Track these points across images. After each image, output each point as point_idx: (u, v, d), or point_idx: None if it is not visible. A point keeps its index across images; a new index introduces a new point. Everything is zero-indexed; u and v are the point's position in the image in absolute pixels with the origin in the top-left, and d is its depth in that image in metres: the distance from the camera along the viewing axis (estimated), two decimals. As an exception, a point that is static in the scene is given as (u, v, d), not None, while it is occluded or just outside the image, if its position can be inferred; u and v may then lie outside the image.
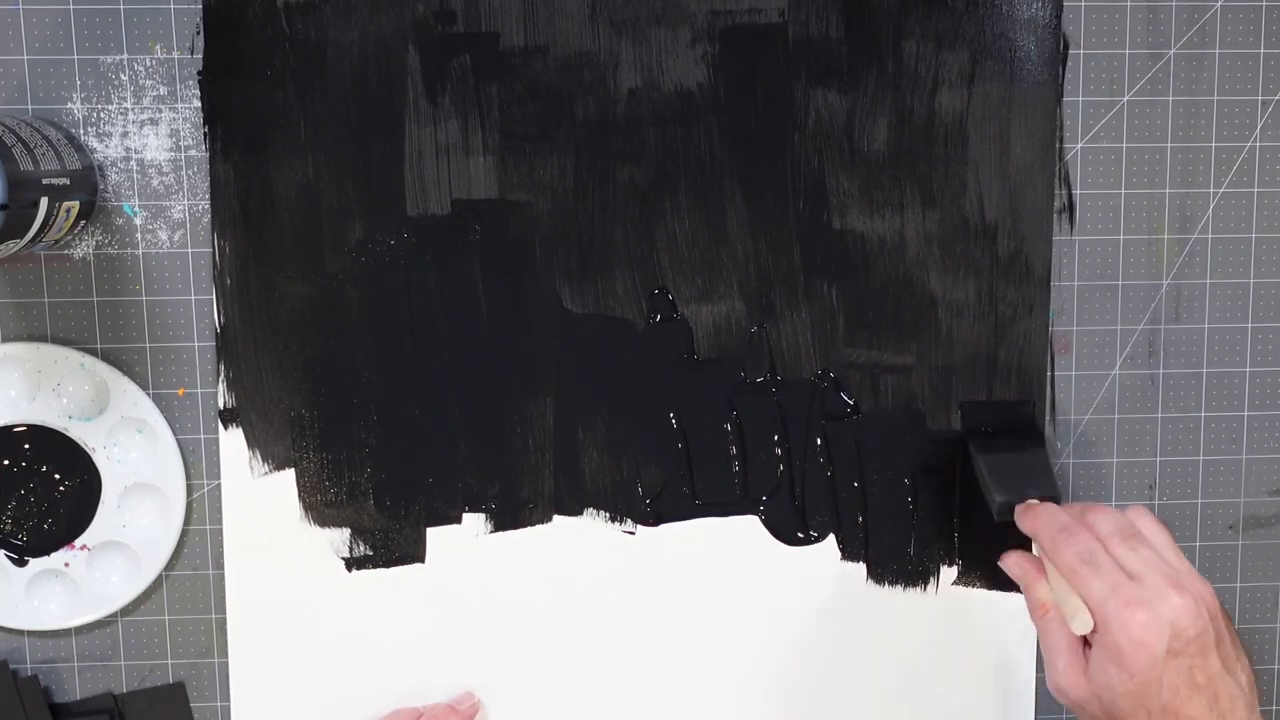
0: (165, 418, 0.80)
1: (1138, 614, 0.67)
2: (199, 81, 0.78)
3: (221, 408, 0.80)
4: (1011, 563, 0.77)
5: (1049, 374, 0.83)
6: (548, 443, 0.82)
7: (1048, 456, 0.81)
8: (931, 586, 0.84)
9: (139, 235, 0.79)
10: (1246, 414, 0.85)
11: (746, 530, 0.83)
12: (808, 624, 0.84)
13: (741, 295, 0.81)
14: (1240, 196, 0.83)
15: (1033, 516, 0.75)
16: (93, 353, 0.79)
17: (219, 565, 0.81)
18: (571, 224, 0.80)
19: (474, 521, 0.82)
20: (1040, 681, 0.86)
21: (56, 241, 0.76)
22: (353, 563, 0.82)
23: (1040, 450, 0.81)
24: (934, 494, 0.83)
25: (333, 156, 0.79)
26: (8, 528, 0.80)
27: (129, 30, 0.77)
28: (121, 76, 0.78)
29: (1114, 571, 0.69)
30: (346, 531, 0.82)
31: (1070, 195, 0.82)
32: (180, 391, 0.80)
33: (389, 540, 0.82)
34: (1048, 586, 0.73)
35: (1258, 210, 0.84)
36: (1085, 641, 0.71)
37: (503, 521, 0.82)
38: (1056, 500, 0.77)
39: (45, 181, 0.70)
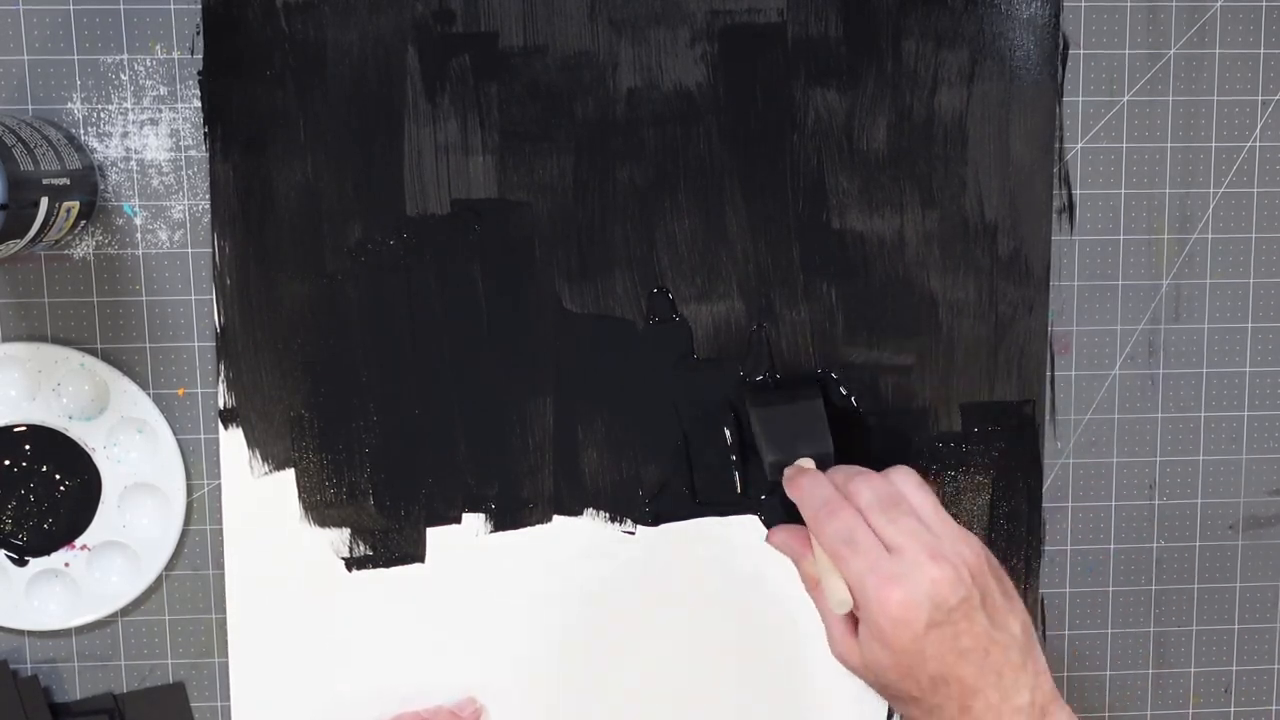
0: (165, 418, 0.80)
1: (894, 592, 0.67)
2: (199, 81, 0.78)
3: (221, 408, 0.80)
4: (778, 541, 0.76)
5: (1049, 374, 0.83)
6: (548, 443, 0.82)
7: (822, 409, 0.78)
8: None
9: (139, 235, 0.79)
10: (1246, 414, 0.85)
11: (746, 530, 0.83)
12: (808, 623, 0.84)
13: (741, 295, 0.81)
14: (1240, 196, 0.83)
15: (797, 486, 0.74)
16: (93, 353, 0.79)
17: (219, 565, 0.82)
18: (571, 224, 0.80)
19: (474, 521, 0.82)
20: (1040, 681, 0.86)
21: (56, 241, 0.76)
22: (353, 563, 0.82)
23: (815, 402, 0.78)
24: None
25: (332, 156, 0.79)
26: (8, 528, 0.80)
27: (129, 30, 0.78)
28: (121, 76, 0.78)
29: (873, 548, 0.69)
30: (346, 531, 0.82)
31: (1070, 195, 0.82)
32: (180, 391, 0.80)
33: (389, 540, 0.82)
34: (813, 561, 0.73)
35: (1258, 210, 0.83)
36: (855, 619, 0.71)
37: (503, 521, 0.82)
38: (829, 457, 0.76)
39: (45, 181, 0.70)
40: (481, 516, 0.82)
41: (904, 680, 0.69)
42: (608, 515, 0.83)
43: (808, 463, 0.76)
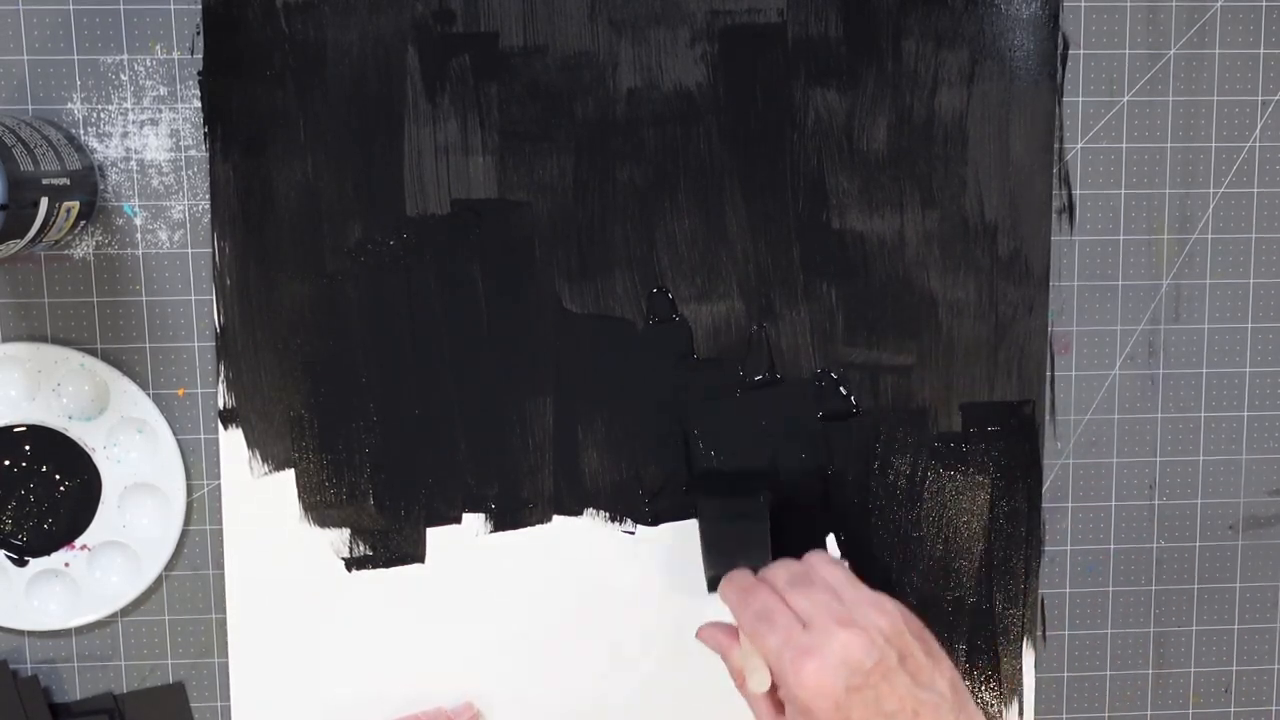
0: (165, 418, 0.80)
1: (808, 663, 0.68)
2: (199, 81, 0.78)
3: (221, 408, 0.80)
4: (705, 635, 0.77)
5: (1049, 374, 0.83)
6: (548, 443, 0.82)
7: (766, 530, 0.78)
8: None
9: (139, 235, 0.79)
10: (1246, 414, 0.85)
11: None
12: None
13: (741, 295, 0.81)
14: (1240, 196, 0.83)
15: (724, 584, 0.75)
16: (93, 353, 0.79)
17: (219, 565, 0.82)
18: (571, 224, 0.80)
19: (474, 521, 0.82)
20: (1038, 686, 0.86)
21: (56, 241, 0.76)
22: (353, 563, 0.82)
23: (760, 523, 0.79)
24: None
25: (332, 156, 0.79)
26: (8, 528, 0.80)
27: (129, 30, 0.78)
28: (121, 76, 0.78)
29: (788, 624, 0.70)
30: (346, 531, 0.82)
31: (1070, 195, 0.82)
32: (180, 391, 0.80)
33: (389, 540, 0.82)
34: (740, 652, 0.74)
35: (1258, 210, 0.83)
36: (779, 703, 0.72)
37: (503, 521, 0.82)
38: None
39: (45, 181, 0.70)
40: (481, 516, 0.82)
41: None
42: (608, 515, 0.83)
43: None
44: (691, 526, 0.83)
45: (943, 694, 0.70)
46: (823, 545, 0.83)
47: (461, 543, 0.82)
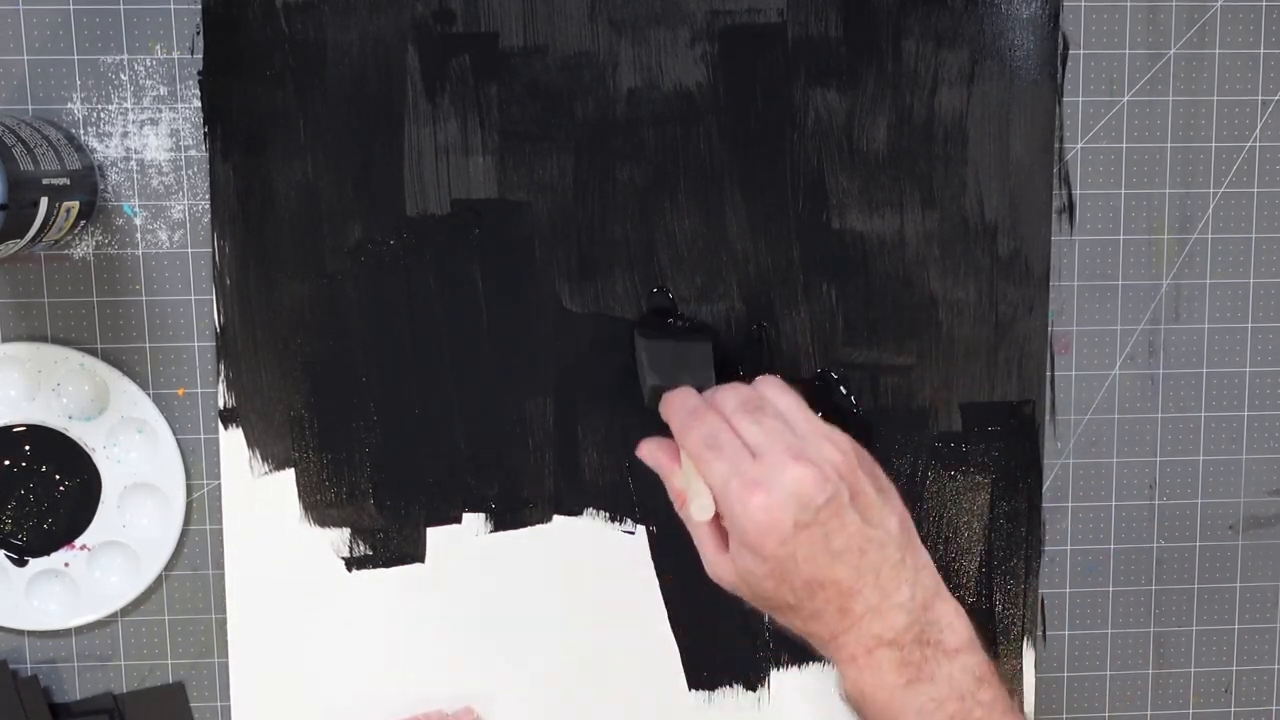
0: (165, 418, 0.80)
1: (756, 496, 0.66)
2: (199, 81, 0.78)
3: (221, 408, 0.80)
4: (645, 452, 0.74)
5: (1049, 374, 0.83)
6: (548, 443, 0.82)
7: (710, 351, 0.76)
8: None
9: (139, 235, 0.79)
10: (1246, 414, 0.85)
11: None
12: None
13: (741, 295, 0.81)
14: (1240, 196, 0.83)
15: (667, 402, 0.72)
16: (93, 353, 0.79)
17: (219, 565, 0.82)
18: (571, 224, 0.80)
19: (474, 521, 0.82)
20: (1038, 686, 0.86)
21: (56, 241, 0.76)
22: (353, 563, 0.82)
23: (705, 344, 0.77)
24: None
25: (332, 156, 0.79)
26: (8, 528, 0.80)
27: (129, 30, 0.78)
28: (121, 76, 0.78)
29: (736, 452, 0.67)
30: (346, 531, 0.82)
31: (1070, 195, 0.82)
32: (180, 391, 0.80)
33: (389, 540, 0.82)
34: (682, 474, 0.71)
35: (1258, 210, 0.83)
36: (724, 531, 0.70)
37: (503, 521, 0.82)
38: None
39: (45, 181, 0.70)
40: (481, 516, 0.82)
41: (779, 588, 0.67)
42: (608, 515, 0.83)
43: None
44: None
45: (891, 532, 0.69)
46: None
47: (461, 543, 0.82)
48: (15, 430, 0.79)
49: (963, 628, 0.70)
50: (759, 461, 0.67)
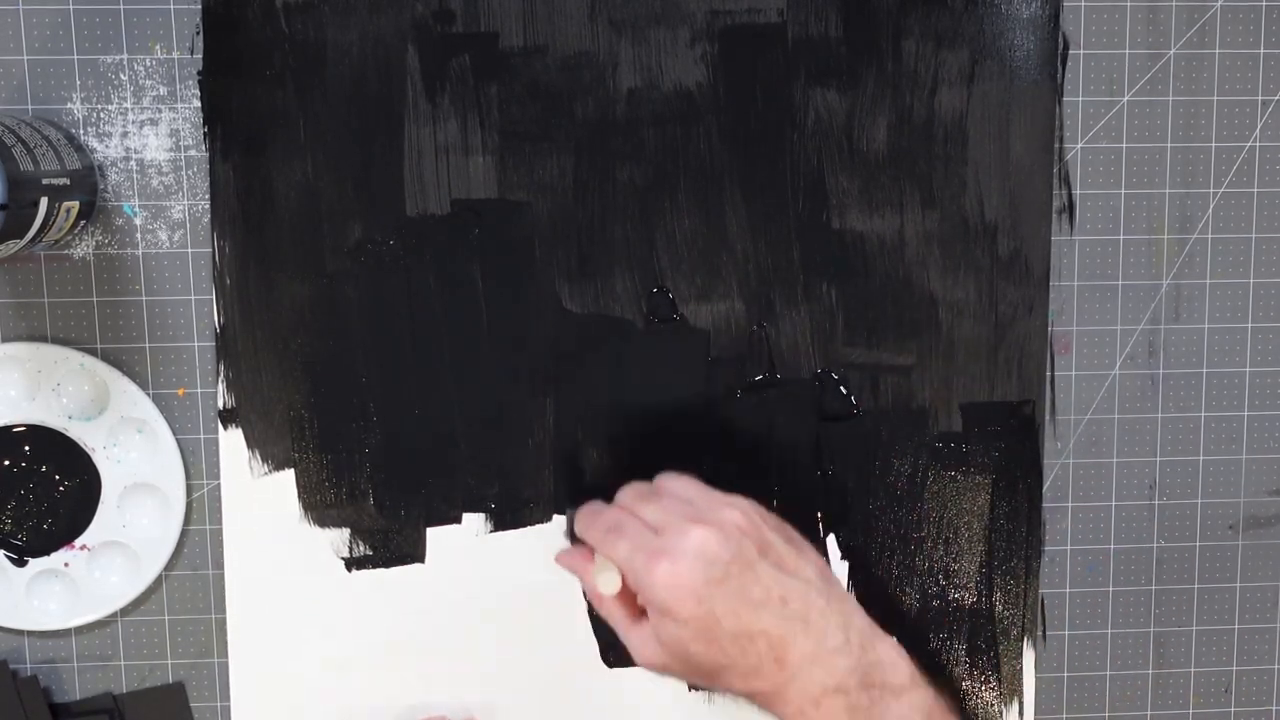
0: (165, 418, 0.80)
1: (661, 564, 0.67)
2: (199, 81, 0.78)
3: (221, 408, 0.80)
4: (562, 560, 0.77)
5: (1049, 374, 0.83)
6: (548, 443, 0.82)
7: None
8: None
9: (139, 235, 0.79)
10: (1246, 414, 0.85)
11: (746, 530, 0.83)
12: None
13: (741, 295, 0.81)
14: (1240, 196, 0.83)
15: (576, 519, 0.75)
16: (93, 353, 0.79)
17: (219, 565, 0.82)
18: (571, 224, 0.80)
19: (474, 521, 0.82)
20: (1038, 686, 0.86)
21: (56, 241, 0.76)
22: (353, 563, 0.82)
23: None
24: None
25: (332, 156, 0.79)
26: (8, 528, 0.80)
27: (129, 30, 0.78)
28: (121, 76, 0.78)
29: (638, 531, 0.69)
30: (346, 531, 0.82)
31: (1070, 195, 0.82)
32: (180, 391, 0.80)
33: (389, 540, 0.82)
34: (594, 568, 0.73)
35: (1258, 210, 0.83)
36: (644, 612, 0.71)
37: (503, 521, 0.82)
38: None
39: (45, 181, 0.70)
40: (481, 516, 0.82)
41: (710, 649, 0.68)
42: (608, 515, 0.83)
43: None
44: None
45: (810, 579, 0.69)
46: (823, 545, 0.83)
47: (461, 543, 0.82)
48: (15, 430, 0.79)
49: (905, 665, 0.71)
50: (661, 535, 0.69)
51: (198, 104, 0.78)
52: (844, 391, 0.83)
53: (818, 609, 0.69)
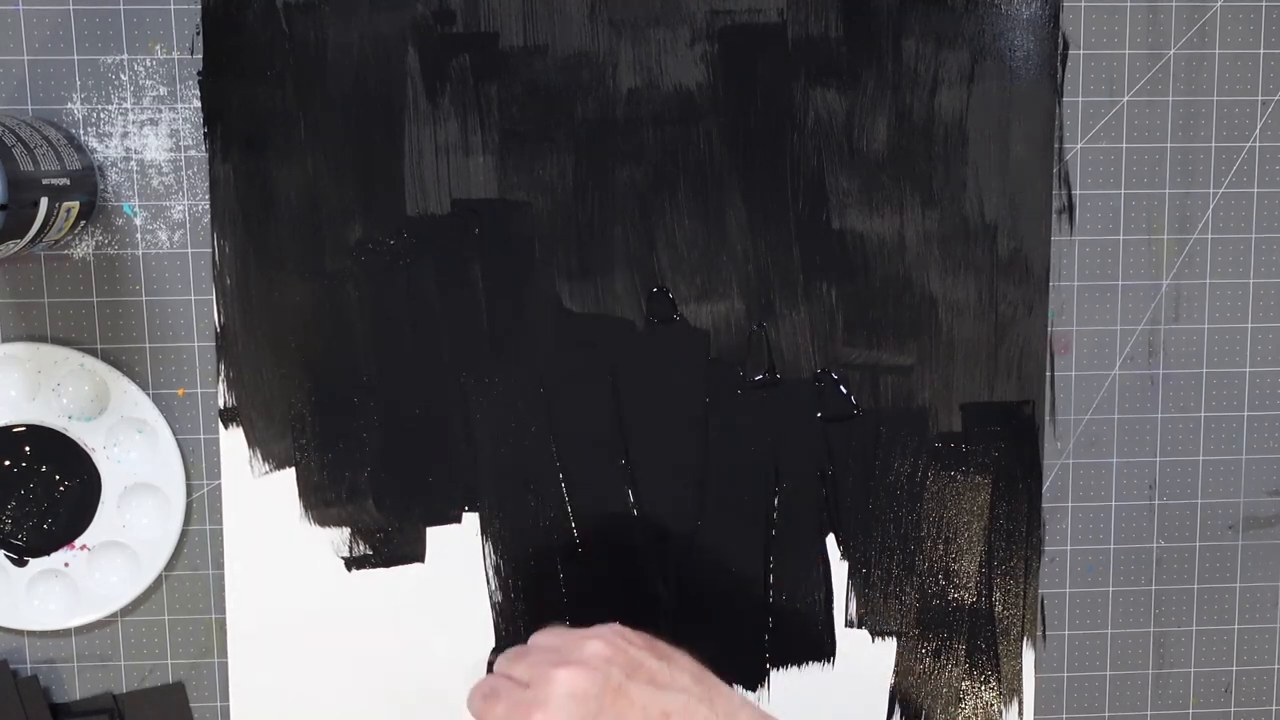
0: (165, 418, 0.80)
1: (535, 715, 0.67)
2: (199, 81, 0.78)
3: (221, 408, 0.80)
4: None
5: (1049, 374, 0.84)
6: (548, 443, 0.82)
7: None
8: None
9: (139, 235, 0.79)
10: (1246, 414, 0.85)
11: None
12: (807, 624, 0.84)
13: (741, 295, 0.81)
14: (1240, 196, 0.83)
15: (468, 699, 0.74)
16: (93, 353, 0.79)
17: (219, 565, 0.82)
18: (571, 224, 0.80)
19: (474, 521, 0.82)
20: (1038, 686, 0.86)
21: (56, 241, 0.76)
22: (353, 562, 0.82)
23: None
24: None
25: (332, 156, 0.79)
26: (8, 528, 0.80)
27: (129, 30, 0.78)
28: (121, 76, 0.78)
29: (511, 690, 0.70)
30: (346, 531, 0.82)
31: (1070, 195, 0.82)
32: (180, 391, 0.80)
33: (389, 540, 0.82)
34: None
35: (1258, 210, 0.84)
36: None
37: (503, 521, 0.82)
38: None
39: (45, 181, 0.70)
40: (481, 516, 0.82)
41: None
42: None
43: None
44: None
45: (687, 689, 0.70)
46: (823, 545, 0.83)
47: (461, 543, 0.82)
48: (15, 430, 0.79)
49: None
50: (531, 688, 0.69)
51: (198, 104, 0.78)
52: (844, 391, 0.83)
53: (701, 716, 0.69)
